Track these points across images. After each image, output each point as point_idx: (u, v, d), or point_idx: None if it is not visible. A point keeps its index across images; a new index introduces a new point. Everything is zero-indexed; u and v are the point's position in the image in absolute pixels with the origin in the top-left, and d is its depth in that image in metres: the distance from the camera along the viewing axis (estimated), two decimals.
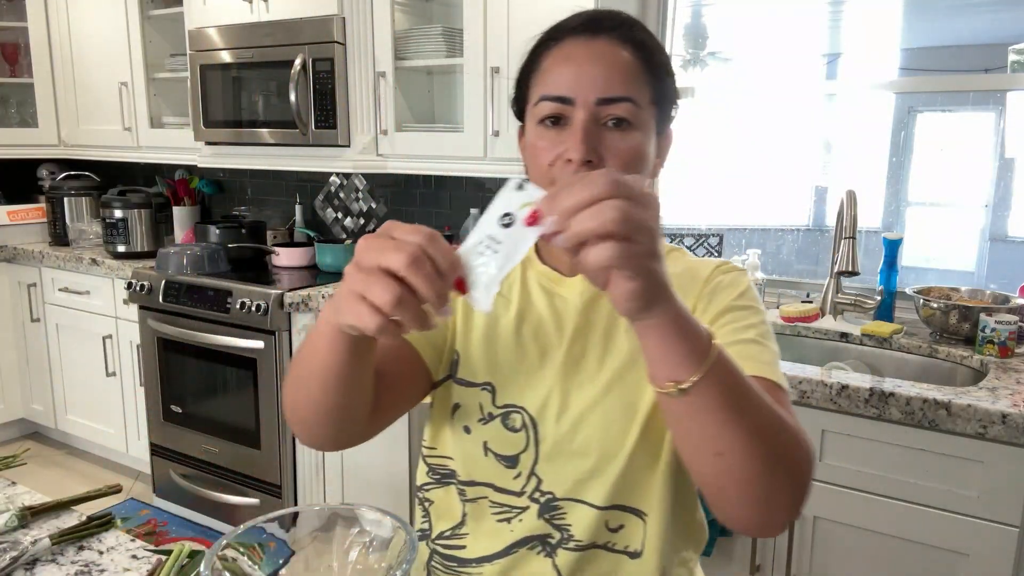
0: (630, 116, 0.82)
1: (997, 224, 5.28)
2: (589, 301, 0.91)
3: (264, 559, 0.68)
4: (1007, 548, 1.49)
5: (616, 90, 0.82)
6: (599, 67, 0.83)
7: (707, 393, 0.65)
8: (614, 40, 0.84)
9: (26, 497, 1.13)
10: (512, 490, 0.92)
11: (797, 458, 0.70)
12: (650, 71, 0.85)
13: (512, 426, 0.91)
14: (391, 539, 0.67)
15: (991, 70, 3.00)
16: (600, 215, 0.56)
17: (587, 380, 0.90)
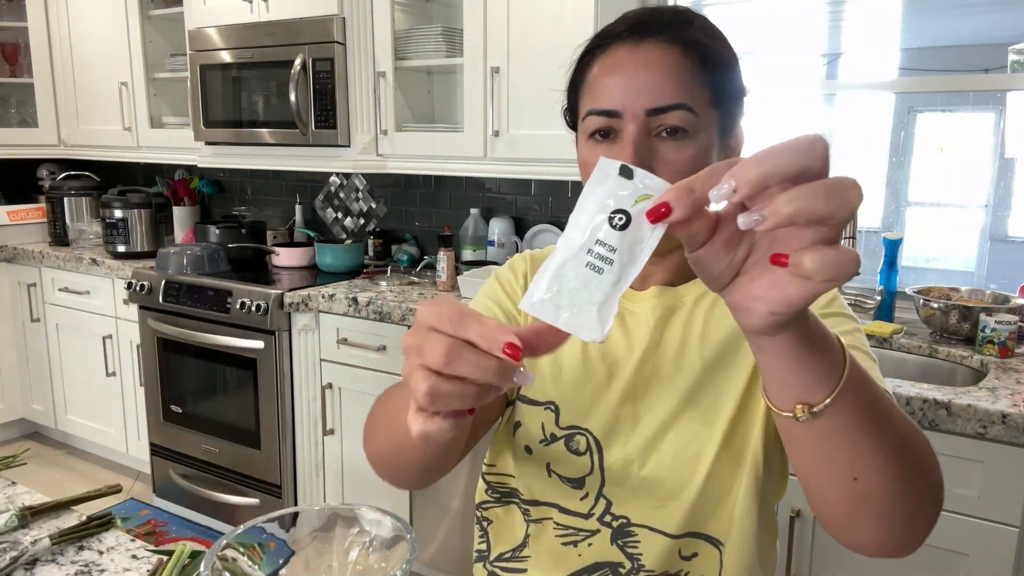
0: (685, 124, 0.76)
1: (997, 224, 5.29)
2: (661, 318, 0.85)
3: (264, 559, 0.68)
4: (1007, 548, 1.49)
5: (667, 98, 0.75)
6: (647, 74, 0.76)
7: (843, 414, 0.54)
8: (662, 42, 0.77)
9: (26, 497, 1.13)
10: (579, 512, 0.87)
11: (935, 471, 0.62)
12: (706, 70, 0.77)
13: (576, 449, 0.86)
14: (391, 539, 0.67)
15: (991, 70, 3.00)
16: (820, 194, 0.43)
17: (658, 402, 0.84)
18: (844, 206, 0.43)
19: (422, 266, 2.84)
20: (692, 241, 0.49)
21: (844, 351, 0.55)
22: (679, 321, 0.85)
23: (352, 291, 2.49)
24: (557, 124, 2.59)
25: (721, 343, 0.83)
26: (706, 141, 0.77)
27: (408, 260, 2.96)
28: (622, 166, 0.50)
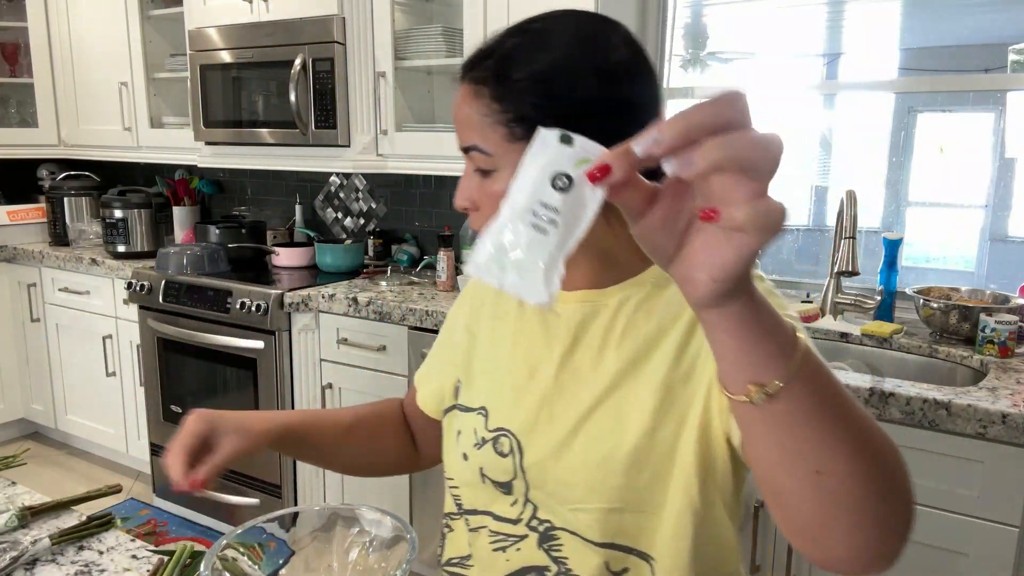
0: (483, 164, 0.79)
1: (997, 224, 5.28)
2: (583, 320, 0.85)
3: (264, 559, 0.68)
4: (1007, 548, 1.49)
5: (464, 140, 0.80)
6: (456, 115, 0.81)
7: (799, 399, 0.52)
8: (467, 84, 0.79)
9: (26, 497, 1.13)
10: (509, 518, 0.87)
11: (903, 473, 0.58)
12: (502, 108, 0.76)
13: (501, 450, 0.86)
14: (391, 539, 0.67)
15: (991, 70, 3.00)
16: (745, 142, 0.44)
17: (572, 402, 0.83)
18: (769, 156, 0.44)
19: (422, 266, 2.84)
20: (632, 211, 0.50)
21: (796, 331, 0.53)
22: (600, 324, 0.84)
23: (352, 291, 2.49)
24: None
25: (638, 347, 0.81)
26: (509, 173, 0.76)
27: (408, 260, 2.96)
28: (562, 134, 0.50)
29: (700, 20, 3.97)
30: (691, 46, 4.24)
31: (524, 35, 0.79)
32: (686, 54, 4.25)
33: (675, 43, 2.54)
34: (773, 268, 2.42)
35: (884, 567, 0.58)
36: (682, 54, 4.20)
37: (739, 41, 4.64)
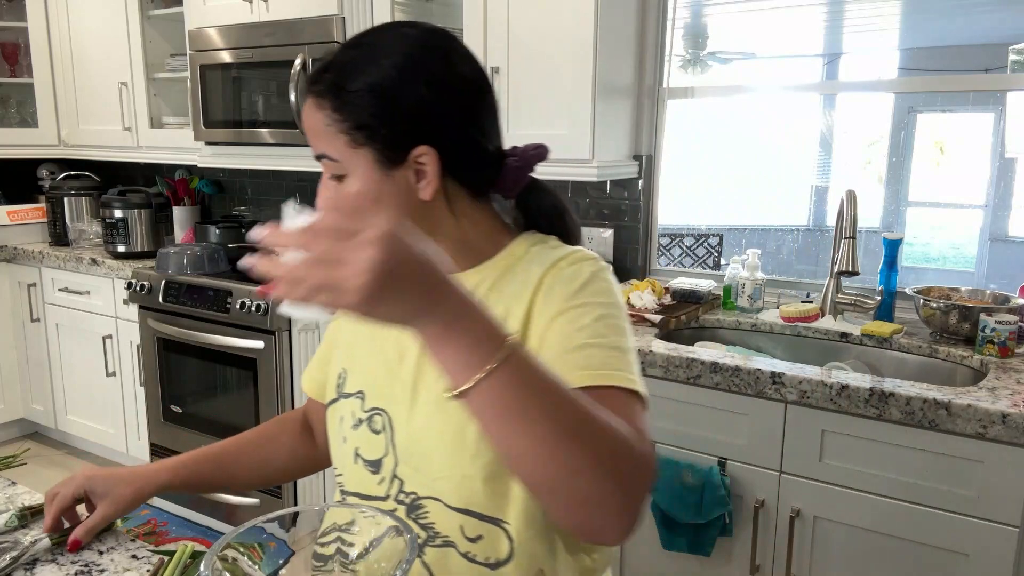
0: (334, 170, 0.86)
1: (997, 224, 5.29)
2: None
3: (264, 559, 0.68)
4: (1007, 548, 1.50)
5: (315, 149, 0.87)
6: (305, 130, 0.89)
7: (484, 399, 0.62)
8: (310, 98, 0.86)
9: (26, 497, 1.13)
10: (378, 495, 0.92)
11: (623, 464, 0.66)
12: (342, 118, 0.84)
13: (375, 428, 0.92)
14: (391, 539, 0.67)
15: (991, 70, 3.00)
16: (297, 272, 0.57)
17: (433, 380, 0.88)
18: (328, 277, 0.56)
19: None
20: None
21: (503, 341, 0.62)
22: None
23: None
24: (557, 124, 2.60)
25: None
26: (359, 179, 0.85)
27: None
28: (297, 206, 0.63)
29: (700, 20, 3.97)
30: (691, 46, 4.24)
31: (358, 48, 0.86)
32: (686, 54, 4.25)
33: (675, 43, 2.54)
34: (773, 268, 2.42)
35: (606, 539, 0.70)
36: (682, 54, 4.19)
37: (739, 41, 4.64)
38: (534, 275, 0.87)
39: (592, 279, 0.87)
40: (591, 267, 0.88)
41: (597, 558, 0.96)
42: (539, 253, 0.92)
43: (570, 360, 0.80)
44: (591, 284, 0.86)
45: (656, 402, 1.85)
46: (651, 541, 1.89)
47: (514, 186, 0.96)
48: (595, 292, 0.86)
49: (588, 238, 2.66)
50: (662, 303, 2.20)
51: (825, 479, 1.67)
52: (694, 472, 1.78)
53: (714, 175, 5.02)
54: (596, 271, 0.88)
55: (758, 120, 4.81)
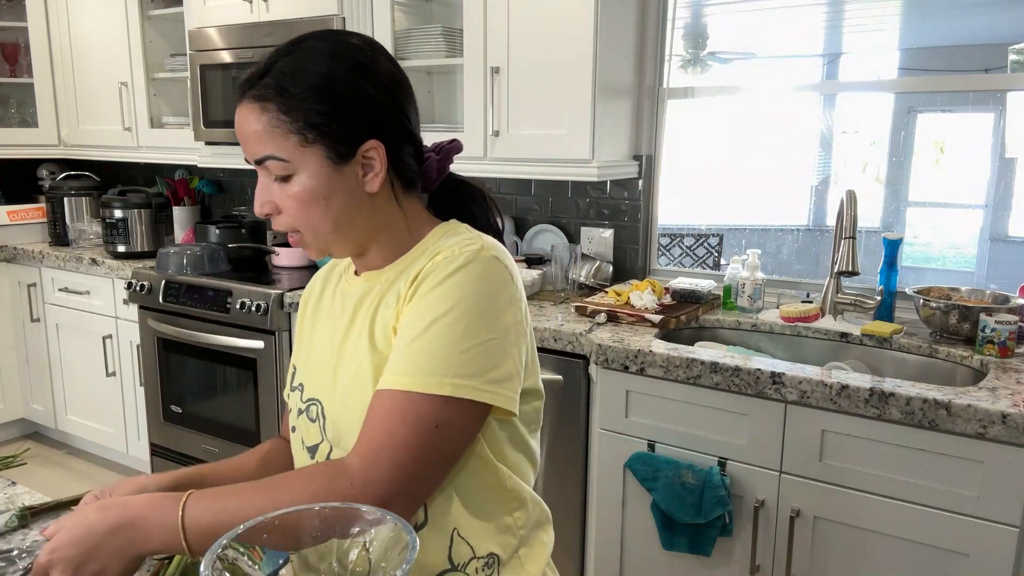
0: (280, 170, 0.88)
1: (997, 224, 5.29)
2: (361, 297, 0.97)
3: (264, 559, 0.68)
4: (1007, 548, 1.50)
5: (258, 151, 0.88)
6: (242, 131, 0.89)
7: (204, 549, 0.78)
8: (247, 102, 0.88)
9: (26, 497, 1.13)
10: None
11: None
12: (291, 118, 0.87)
13: (311, 417, 0.99)
14: (391, 539, 0.67)
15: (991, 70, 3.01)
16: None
17: (350, 367, 0.94)
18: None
19: None
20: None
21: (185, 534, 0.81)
22: (372, 299, 0.96)
23: None
24: (557, 124, 2.60)
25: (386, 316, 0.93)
26: (310, 177, 0.88)
27: None
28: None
29: (700, 20, 3.97)
30: (691, 46, 4.24)
31: (295, 54, 0.89)
32: (686, 54, 4.25)
33: (675, 43, 2.54)
34: (773, 268, 2.43)
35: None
36: (682, 54, 4.19)
37: (739, 41, 4.64)
38: (417, 266, 0.92)
39: (455, 272, 0.87)
40: (463, 259, 0.88)
41: (519, 516, 0.99)
42: (436, 243, 0.95)
43: (394, 358, 0.87)
44: (453, 277, 0.88)
45: (656, 402, 1.86)
46: (651, 541, 1.89)
47: (436, 178, 1.02)
48: (453, 286, 0.87)
49: (588, 238, 2.66)
50: (662, 303, 2.20)
51: (825, 479, 1.67)
52: (694, 472, 1.78)
53: (714, 175, 5.02)
54: (465, 263, 0.88)
55: (758, 120, 4.81)
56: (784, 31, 4.40)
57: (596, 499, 2.00)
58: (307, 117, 0.87)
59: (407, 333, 0.87)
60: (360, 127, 0.89)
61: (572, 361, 2.01)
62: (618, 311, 2.12)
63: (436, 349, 0.84)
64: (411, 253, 0.97)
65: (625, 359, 1.87)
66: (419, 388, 0.84)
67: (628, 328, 2.06)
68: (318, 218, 0.90)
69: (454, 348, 0.84)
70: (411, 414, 0.83)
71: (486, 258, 0.89)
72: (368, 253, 0.98)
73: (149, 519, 0.82)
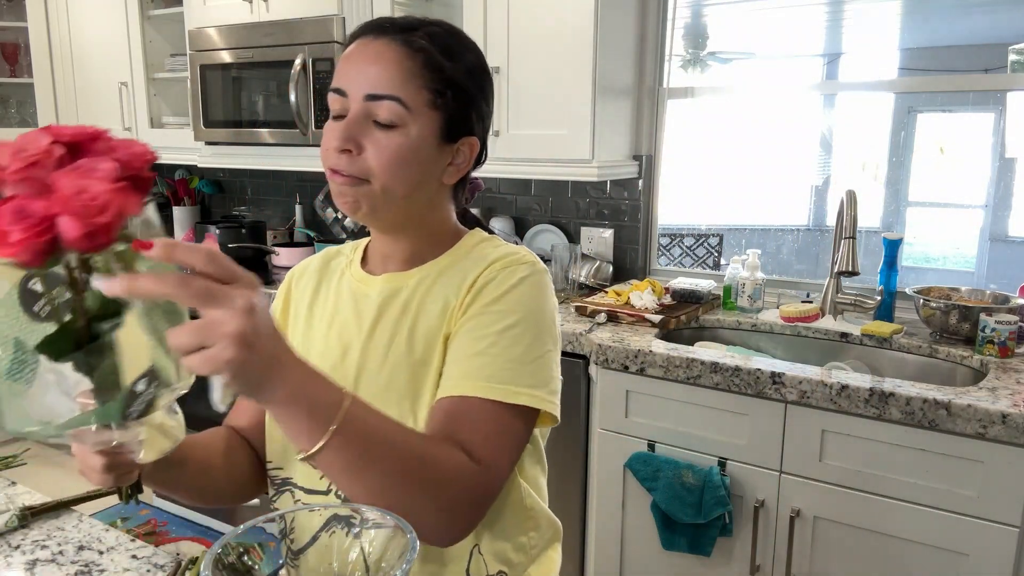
0: (395, 117, 0.85)
1: (997, 224, 5.29)
2: (386, 299, 0.94)
3: (264, 559, 0.68)
4: (1007, 548, 1.50)
5: (383, 88, 0.85)
6: (372, 65, 0.86)
7: (329, 460, 0.71)
8: (395, 42, 0.87)
9: (26, 497, 1.13)
10: (320, 490, 0.96)
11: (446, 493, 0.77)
12: (431, 77, 0.87)
13: None
14: (391, 539, 0.67)
15: (991, 70, 3.00)
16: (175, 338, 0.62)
17: (376, 373, 0.91)
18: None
19: None
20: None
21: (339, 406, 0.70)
22: (399, 301, 0.93)
23: None
24: (557, 124, 2.60)
25: (429, 321, 0.91)
26: (417, 137, 0.87)
27: None
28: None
29: (700, 20, 3.97)
30: (691, 46, 4.24)
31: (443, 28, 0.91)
32: (686, 54, 4.25)
33: (675, 43, 2.54)
34: (773, 268, 2.43)
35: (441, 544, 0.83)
36: (682, 54, 4.19)
37: (739, 41, 4.64)
38: (472, 273, 0.91)
39: (519, 284, 0.89)
40: (523, 272, 0.90)
41: (533, 535, 0.99)
42: (482, 250, 0.95)
43: (464, 365, 0.85)
44: (516, 290, 0.89)
45: (656, 402, 1.86)
46: (651, 541, 1.89)
47: (471, 195, 1.04)
48: (516, 299, 0.88)
49: (588, 238, 2.66)
50: (662, 303, 2.20)
51: (825, 479, 1.67)
52: (694, 472, 1.78)
53: (714, 175, 5.02)
54: (527, 276, 0.90)
55: (758, 120, 4.81)
56: (784, 31, 4.40)
57: (596, 499, 2.00)
58: (446, 84, 0.87)
59: (476, 343, 0.86)
60: (473, 118, 0.92)
61: (572, 361, 2.01)
62: (618, 311, 2.12)
63: (509, 359, 0.85)
64: (450, 253, 0.96)
65: (625, 359, 1.87)
66: (502, 398, 0.83)
67: (628, 328, 2.06)
68: (401, 177, 0.88)
69: (524, 359, 0.86)
70: (499, 423, 0.84)
71: (541, 271, 0.92)
72: (400, 243, 0.95)
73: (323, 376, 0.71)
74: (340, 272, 1.02)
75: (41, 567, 0.96)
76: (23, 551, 1.00)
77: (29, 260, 0.57)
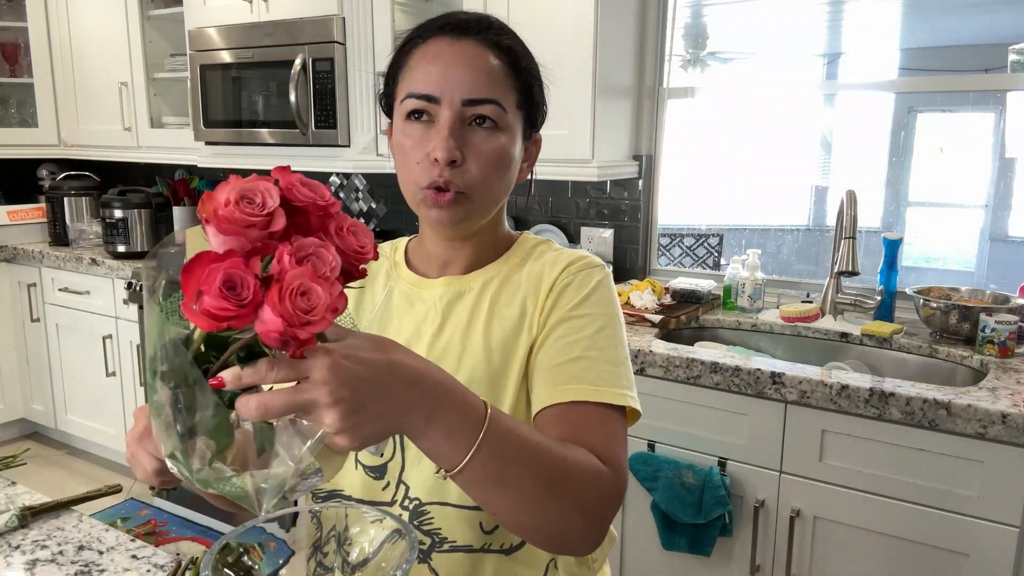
0: (496, 118, 0.85)
1: (997, 224, 5.28)
2: (449, 303, 0.93)
3: (264, 559, 0.68)
4: (1007, 548, 1.50)
5: (482, 92, 0.84)
6: (466, 68, 0.84)
7: (474, 474, 0.67)
8: (481, 43, 0.87)
9: (26, 497, 1.13)
10: (384, 501, 0.92)
11: (588, 496, 0.74)
12: (516, 76, 0.88)
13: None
14: (391, 539, 0.67)
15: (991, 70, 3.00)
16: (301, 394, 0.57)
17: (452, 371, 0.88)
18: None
19: None
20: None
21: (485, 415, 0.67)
22: (466, 304, 0.92)
23: (352, 290, 2.48)
24: (557, 124, 2.59)
25: (505, 325, 0.90)
26: (511, 137, 0.88)
27: None
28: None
29: (700, 20, 3.97)
30: (691, 46, 4.24)
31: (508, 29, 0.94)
32: (686, 54, 4.25)
33: (675, 43, 2.54)
34: (773, 268, 2.43)
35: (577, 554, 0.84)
36: (682, 54, 4.19)
37: (739, 41, 4.64)
38: (548, 276, 0.90)
39: (598, 287, 0.90)
40: (599, 275, 0.91)
41: (598, 553, 1.00)
42: (544, 253, 0.95)
43: (565, 371, 0.83)
44: (596, 293, 0.89)
45: (656, 402, 1.86)
46: (651, 541, 1.89)
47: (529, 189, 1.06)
48: (598, 302, 0.89)
49: (588, 238, 2.66)
50: (662, 303, 2.20)
51: (825, 479, 1.67)
52: (694, 472, 1.78)
53: (714, 175, 5.02)
54: (602, 279, 0.91)
55: (758, 120, 4.81)
56: (784, 31, 4.40)
57: None
58: (527, 82, 0.89)
59: (572, 348, 0.85)
60: (541, 115, 0.94)
61: None
62: None
63: (608, 362, 0.85)
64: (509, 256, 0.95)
65: None
66: (611, 400, 0.83)
67: (628, 328, 2.06)
68: (501, 180, 0.88)
69: (618, 361, 0.86)
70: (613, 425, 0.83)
71: (606, 271, 0.93)
72: (466, 245, 0.94)
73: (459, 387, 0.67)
74: (385, 273, 1.00)
75: (41, 567, 0.96)
76: (23, 551, 1.00)
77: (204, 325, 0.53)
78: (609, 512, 0.77)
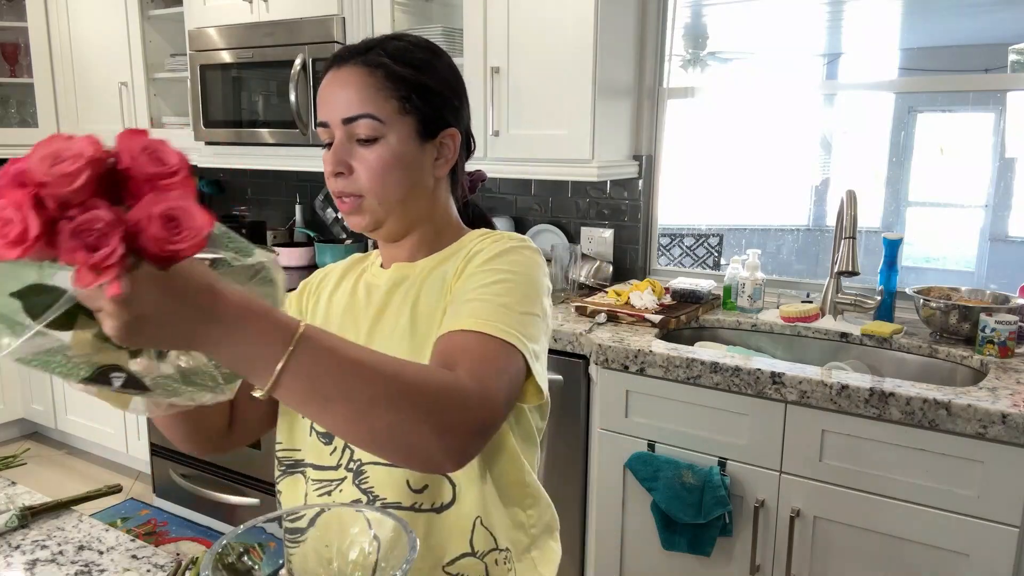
0: (372, 131, 0.93)
1: (997, 224, 5.28)
2: (393, 286, 1.00)
3: (264, 559, 0.68)
4: (1007, 548, 1.50)
5: (355, 109, 0.93)
6: (342, 91, 0.95)
7: (290, 391, 0.68)
8: (356, 65, 0.95)
9: (26, 497, 1.13)
10: (329, 465, 0.97)
11: (437, 409, 0.74)
12: (394, 86, 0.94)
13: None
14: (391, 539, 0.67)
15: (991, 70, 3.00)
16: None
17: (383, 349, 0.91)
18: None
19: None
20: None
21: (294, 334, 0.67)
22: (404, 288, 0.99)
23: None
24: (557, 124, 2.60)
25: (431, 299, 0.96)
26: (397, 144, 0.94)
27: None
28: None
29: (700, 20, 3.96)
30: (691, 46, 4.24)
31: (399, 40, 0.99)
32: (686, 54, 4.25)
33: (675, 43, 2.54)
34: (773, 268, 2.43)
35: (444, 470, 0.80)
36: (682, 54, 4.19)
37: (739, 41, 4.64)
38: (470, 248, 0.97)
39: (512, 251, 0.94)
40: (515, 243, 0.96)
41: (532, 514, 1.03)
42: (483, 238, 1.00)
43: (456, 311, 0.88)
44: (508, 255, 0.94)
45: (656, 402, 1.86)
46: (651, 541, 1.89)
47: (462, 195, 1.08)
48: (508, 262, 0.93)
49: (588, 238, 2.66)
50: (662, 303, 2.20)
51: (825, 479, 1.67)
52: (694, 472, 1.78)
53: (714, 175, 5.02)
54: (518, 246, 0.96)
55: (758, 120, 4.81)
56: (784, 31, 4.40)
57: (596, 499, 2.00)
58: (410, 88, 0.95)
59: (467, 295, 0.89)
60: (447, 112, 0.99)
61: (572, 361, 2.01)
62: (618, 311, 2.12)
63: (499, 304, 0.87)
64: (447, 251, 1.01)
65: (625, 359, 1.87)
66: (493, 332, 0.84)
67: (628, 328, 2.06)
68: (392, 185, 0.95)
69: (513, 307, 0.88)
70: (491, 352, 0.83)
71: (534, 248, 0.98)
72: (407, 240, 1.01)
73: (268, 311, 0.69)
74: (360, 271, 1.09)
75: (41, 567, 0.96)
76: (23, 551, 1.00)
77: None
78: (471, 432, 0.76)
